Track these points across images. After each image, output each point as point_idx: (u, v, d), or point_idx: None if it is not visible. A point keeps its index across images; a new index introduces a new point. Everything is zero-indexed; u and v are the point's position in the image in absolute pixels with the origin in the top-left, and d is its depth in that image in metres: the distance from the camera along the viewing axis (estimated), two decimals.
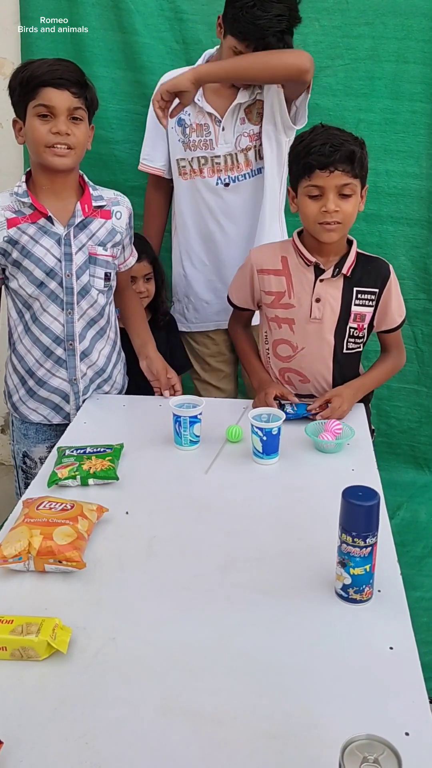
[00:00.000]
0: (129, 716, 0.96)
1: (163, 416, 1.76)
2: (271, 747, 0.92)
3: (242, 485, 1.54)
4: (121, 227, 1.89)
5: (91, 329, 1.89)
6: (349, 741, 0.75)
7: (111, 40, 2.52)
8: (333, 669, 1.04)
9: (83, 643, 1.08)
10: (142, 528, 1.37)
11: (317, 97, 2.50)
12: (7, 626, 1.05)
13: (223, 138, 2.25)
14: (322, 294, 1.84)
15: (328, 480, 1.55)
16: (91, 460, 1.51)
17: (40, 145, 1.70)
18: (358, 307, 1.85)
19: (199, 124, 2.27)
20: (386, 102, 2.53)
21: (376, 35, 2.44)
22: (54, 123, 1.68)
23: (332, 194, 1.71)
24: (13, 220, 1.76)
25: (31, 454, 1.97)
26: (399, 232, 2.69)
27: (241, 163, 2.28)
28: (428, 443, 2.93)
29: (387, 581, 1.21)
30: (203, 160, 2.29)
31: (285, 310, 1.88)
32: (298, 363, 1.90)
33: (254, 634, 1.11)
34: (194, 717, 0.96)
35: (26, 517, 1.28)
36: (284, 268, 1.87)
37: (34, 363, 1.87)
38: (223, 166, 2.28)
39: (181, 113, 2.26)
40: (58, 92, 1.67)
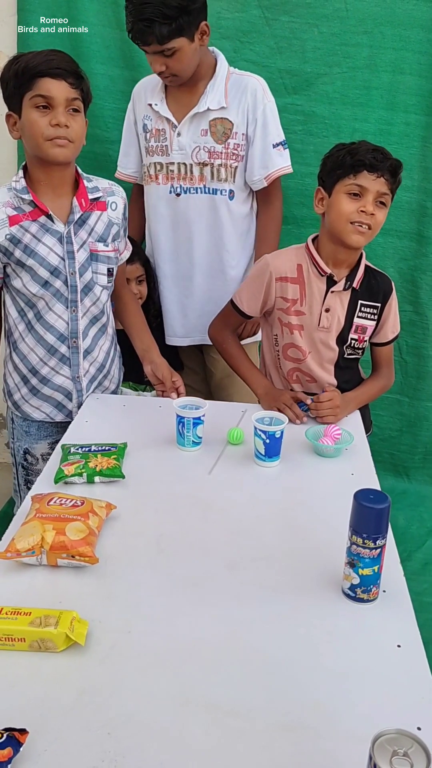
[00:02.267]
0: (148, 707, 1.00)
1: (163, 417, 1.81)
2: (287, 739, 0.96)
3: (245, 486, 1.59)
4: (117, 218, 1.90)
5: (93, 327, 1.92)
6: (379, 734, 0.80)
7: (109, 38, 2.56)
8: (343, 665, 1.09)
9: (99, 636, 1.12)
10: (149, 526, 1.42)
11: (314, 105, 2.58)
12: (26, 618, 1.09)
13: (178, 144, 2.23)
14: (331, 304, 1.91)
15: (328, 483, 1.62)
16: (97, 458, 1.55)
17: (39, 137, 1.68)
18: (360, 319, 1.93)
19: (157, 129, 2.26)
20: (381, 112, 2.60)
21: (374, 44, 2.51)
22: (53, 114, 1.66)
23: (372, 197, 1.78)
24: (15, 218, 1.75)
25: (33, 450, 1.99)
26: (388, 243, 2.76)
27: (195, 176, 2.25)
28: (408, 452, 3.03)
29: (391, 581, 1.26)
30: (159, 166, 2.28)
31: (297, 317, 1.94)
32: (306, 366, 1.99)
33: (265, 630, 1.16)
34: (211, 709, 1.00)
35: (38, 512, 1.31)
36: (299, 276, 1.92)
37: (38, 361, 1.89)
38: (176, 174, 2.26)
39: (145, 119, 2.28)
40: (56, 82, 1.65)
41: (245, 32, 2.46)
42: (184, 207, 2.28)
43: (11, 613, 1.09)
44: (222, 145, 2.21)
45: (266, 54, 2.51)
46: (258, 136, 2.22)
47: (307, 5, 2.46)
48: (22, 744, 0.89)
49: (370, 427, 2.10)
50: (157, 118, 2.24)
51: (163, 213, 2.31)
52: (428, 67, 2.52)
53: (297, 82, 2.53)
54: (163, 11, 1.95)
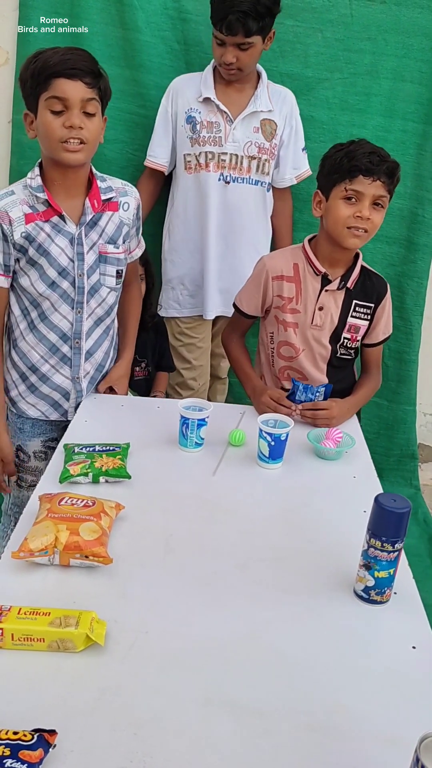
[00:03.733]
0: (172, 707, 1.00)
1: (162, 417, 1.82)
2: (312, 739, 0.98)
3: (249, 488, 1.60)
4: (128, 218, 1.90)
5: (97, 328, 1.92)
6: (426, 735, 0.81)
7: (111, 36, 2.55)
8: (361, 666, 1.11)
9: (117, 636, 1.12)
10: (157, 526, 1.42)
11: (313, 110, 2.61)
12: (45, 618, 1.08)
13: (233, 137, 2.42)
14: (325, 303, 1.94)
15: (331, 486, 1.63)
16: (102, 458, 1.54)
17: (52, 139, 1.68)
18: (354, 319, 1.96)
19: (210, 121, 2.42)
20: (379, 119, 2.64)
21: (376, 51, 2.55)
22: (67, 116, 1.65)
23: (368, 201, 1.80)
24: (30, 216, 1.75)
25: (26, 447, 1.98)
26: (377, 249, 2.80)
27: (244, 167, 2.46)
28: (383, 454, 3.09)
29: (402, 583, 1.28)
30: (210, 155, 2.44)
31: (292, 314, 1.97)
32: (298, 363, 2.01)
33: (282, 630, 1.17)
34: (235, 708, 1.01)
35: (49, 512, 1.30)
36: (295, 275, 1.96)
37: (39, 359, 1.88)
38: (228, 164, 2.44)
39: (191, 111, 2.43)
40: (71, 83, 1.64)
41: None
42: (233, 194, 2.49)
43: (30, 614, 1.09)
44: (269, 142, 2.47)
45: (269, 57, 2.51)
46: (292, 140, 2.52)
47: (313, 10, 2.49)
48: (51, 745, 0.89)
49: None
50: (210, 111, 2.42)
51: (213, 198, 2.49)
52: (429, 75, 2.57)
53: (298, 87, 2.54)
54: (258, 8, 2.18)
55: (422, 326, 2.94)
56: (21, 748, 0.85)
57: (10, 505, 2.07)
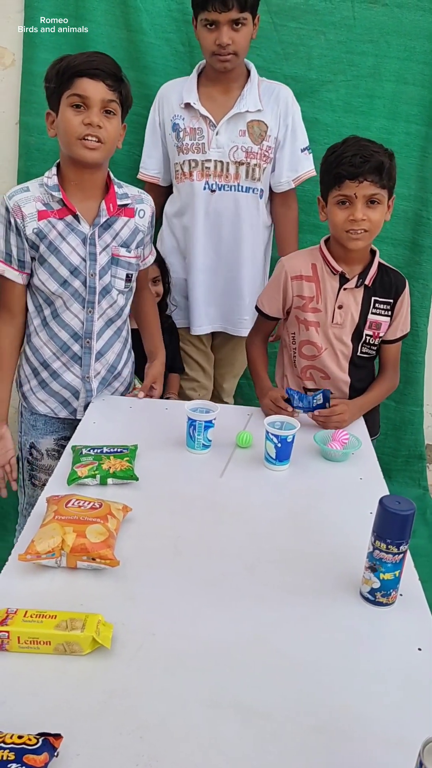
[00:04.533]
0: (179, 710, 0.99)
1: (170, 419, 1.81)
2: (319, 741, 0.97)
3: (256, 489, 1.59)
4: (143, 226, 1.91)
5: (108, 329, 1.92)
6: (429, 739, 0.80)
7: (115, 38, 2.54)
8: (368, 668, 1.10)
9: (123, 639, 1.11)
10: (165, 528, 1.41)
11: (317, 112, 2.59)
12: (51, 621, 1.08)
13: (216, 143, 2.32)
14: (344, 301, 1.94)
15: (337, 487, 1.62)
16: (110, 460, 1.54)
17: (71, 136, 1.69)
18: (375, 315, 1.96)
19: (192, 128, 2.33)
20: (383, 121, 2.62)
21: (379, 54, 2.53)
22: (87, 114, 1.67)
23: (360, 203, 1.79)
24: (43, 213, 1.76)
25: (38, 445, 1.99)
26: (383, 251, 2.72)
27: (231, 174, 2.34)
28: (390, 454, 3.09)
29: (407, 585, 1.27)
30: (194, 163, 2.35)
31: (313, 313, 1.98)
32: (321, 362, 2.01)
33: (288, 632, 1.16)
34: (242, 710, 1.00)
35: (56, 514, 1.30)
36: (314, 275, 1.96)
37: (50, 356, 1.89)
38: (213, 171, 2.34)
39: (175, 118, 2.35)
40: (93, 83, 1.66)
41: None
42: (219, 203, 2.37)
43: (36, 617, 1.08)
44: (258, 146, 2.32)
45: (272, 59, 2.52)
46: (288, 140, 2.37)
47: (315, 12, 2.47)
48: (56, 749, 0.88)
49: (378, 430, 2.12)
50: (192, 117, 2.32)
51: (198, 208, 2.38)
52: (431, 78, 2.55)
53: (302, 89, 2.53)
54: None
55: (428, 327, 2.92)
56: (26, 753, 0.85)
57: (25, 504, 2.07)
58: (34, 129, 2.64)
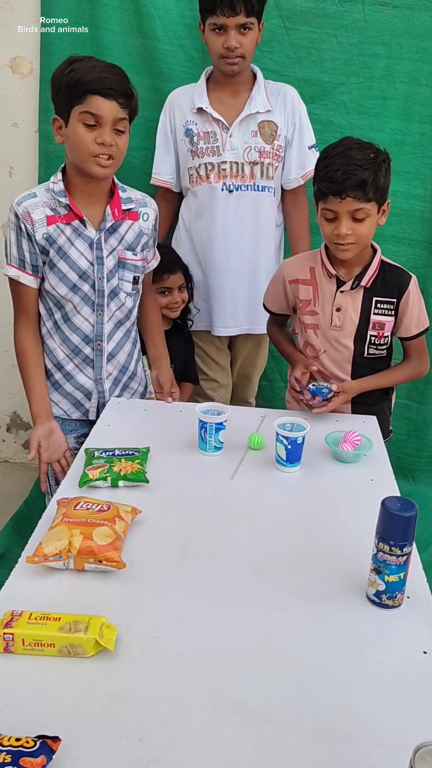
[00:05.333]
0: (180, 713, 0.98)
1: (184, 421, 1.79)
2: (320, 745, 0.94)
3: (267, 491, 1.56)
4: (147, 229, 1.91)
5: (118, 331, 1.93)
6: (420, 745, 0.78)
7: (130, 45, 2.54)
8: (371, 671, 1.07)
9: (128, 641, 1.10)
10: (174, 530, 1.39)
11: (331, 114, 2.56)
12: (55, 623, 1.07)
13: (230, 145, 2.33)
14: (342, 304, 1.91)
15: (349, 489, 1.59)
16: (121, 462, 1.53)
17: (83, 151, 1.69)
18: (377, 316, 1.92)
19: (206, 132, 2.35)
20: (397, 123, 2.58)
21: (391, 55, 2.49)
22: (99, 133, 1.66)
23: (345, 218, 1.74)
24: (52, 218, 1.76)
25: None
26: (401, 252, 2.74)
27: (246, 174, 2.36)
28: (414, 455, 3.03)
29: (415, 588, 1.24)
30: (210, 166, 2.36)
31: (311, 316, 1.96)
32: (321, 363, 2.00)
33: (293, 634, 1.14)
34: (244, 714, 0.98)
35: (65, 517, 1.29)
36: (312, 278, 1.94)
37: (64, 357, 1.90)
38: (229, 172, 2.35)
39: (188, 124, 2.36)
40: (107, 102, 1.65)
41: (265, 41, 2.43)
42: (237, 203, 2.39)
43: (40, 619, 1.07)
44: (270, 145, 2.35)
45: (285, 63, 2.50)
46: (296, 139, 2.41)
47: (327, 15, 2.44)
48: (54, 752, 0.87)
49: (389, 434, 2.08)
50: (205, 121, 2.34)
51: (217, 209, 2.40)
52: None
53: (315, 92, 2.51)
54: None
55: None
56: (23, 755, 0.84)
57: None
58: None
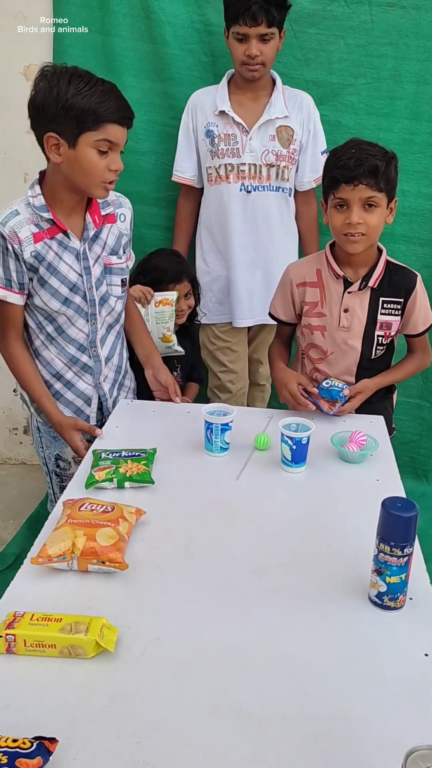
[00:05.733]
0: (178, 715, 0.97)
1: (192, 422, 1.78)
2: (317, 748, 0.93)
3: (272, 492, 1.55)
4: (126, 229, 1.88)
5: (110, 335, 1.92)
6: (412, 750, 0.76)
7: (141, 51, 2.54)
8: (372, 674, 1.06)
9: (129, 642, 1.09)
10: (178, 531, 1.39)
11: (339, 115, 2.55)
12: (56, 624, 1.06)
13: (249, 147, 2.39)
14: (349, 305, 1.89)
15: (354, 489, 1.58)
16: (127, 464, 1.52)
17: (95, 177, 1.65)
18: (384, 316, 1.91)
19: (227, 134, 2.40)
20: (405, 122, 2.56)
21: (398, 56, 2.47)
22: (113, 159, 1.64)
23: (356, 207, 1.74)
24: (38, 235, 1.72)
25: (64, 455, 1.97)
26: (411, 251, 2.72)
27: (263, 176, 2.42)
28: (427, 455, 3.00)
29: (418, 589, 1.22)
30: (230, 167, 2.42)
31: (318, 318, 1.94)
32: (326, 365, 1.98)
33: (293, 636, 1.13)
34: (242, 716, 0.97)
35: (69, 518, 1.29)
36: (319, 280, 1.93)
37: (62, 367, 1.88)
38: (247, 173, 2.42)
39: (209, 125, 2.41)
40: (122, 129, 1.64)
41: None
42: (254, 202, 2.46)
43: (42, 620, 1.07)
44: (286, 149, 2.42)
45: (293, 66, 2.49)
46: (310, 144, 2.47)
47: (334, 18, 2.42)
48: (51, 753, 0.87)
49: (393, 431, 2.06)
50: (226, 124, 2.40)
51: (236, 208, 2.47)
52: None
53: (323, 93, 2.49)
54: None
55: None
56: (19, 757, 0.83)
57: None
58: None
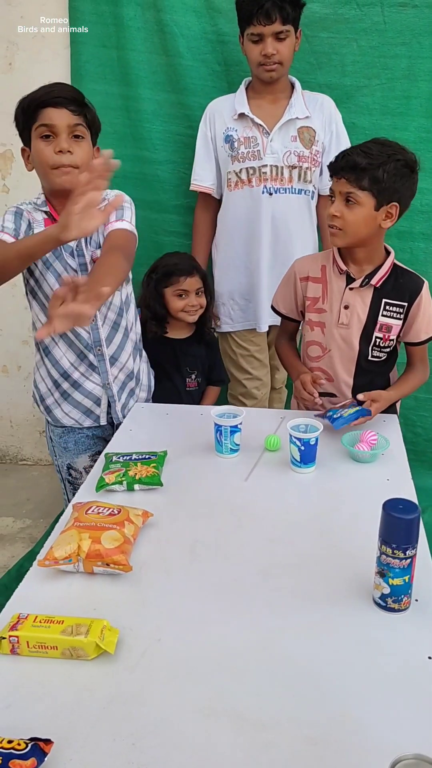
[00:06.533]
0: (174, 717, 0.96)
1: (205, 425, 1.77)
2: (312, 752, 0.91)
3: (281, 493, 1.53)
4: None
5: (117, 333, 1.89)
6: (398, 759, 0.74)
7: (155, 63, 2.54)
8: (372, 676, 1.03)
9: (130, 644, 1.08)
10: (185, 532, 1.37)
11: (354, 117, 2.51)
12: (58, 626, 1.06)
13: (271, 149, 2.33)
14: (350, 301, 1.86)
15: (364, 489, 1.54)
16: (137, 467, 1.52)
17: (46, 166, 1.67)
18: (386, 318, 1.86)
19: (246, 137, 2.34)
20: (421, 121, 2.51)
21: (412, 55, 2.43)
22: (56, 142, 1.65)
23: (338, 198, 1.74)
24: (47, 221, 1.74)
25: (75, 465, 1.97)
26: (431, 249, 2.67)
27: (285, 177, 2.35)
28: None
29: (424, 590, 1.19)
30: (251, 170, 2.36)
31: (318, 314, 1.91)
32: (325, 363, 1.94)
33: (294, 639, 1.10)
34: (237, 720, 0.95)
35: (76, 521, 1.29)
36: (323, 276, 1.90)
37: (69, 366, 1.87)
38: (269, 176, 2.35)
39: (228, 131, 2.36)
40: (57, 111, 1.64)
41: None
42: (276, 205, 2.39)
43: (44, 622, 1.07)
44: (309, 150, 2.35)
45: (307, 70, 2.46)
46: (333, 145, 2.38)
47: (346, 21, 2.40)
48: (46, 754, 0.86)
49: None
50: (246, 127, 2.35)
51: (258, 212, 2.40)
52: None
53: (337, 96, 2.45)
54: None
55: None
56: (12, 758, 0.83)
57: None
58: None
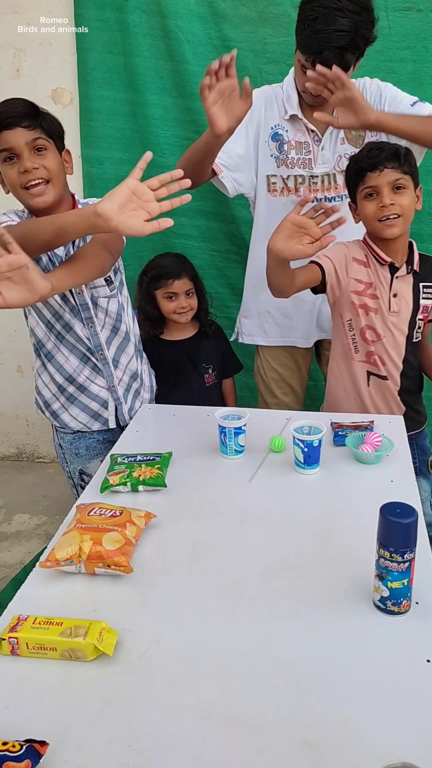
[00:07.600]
0: (170, 720, 0.94)
1: (211, 426, 1.74)
2: (307, 756, 0.88)
3: (284, 494, 1.51)
4: None
5: (116, 337, 1.88)
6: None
7: (162, 69, 2.53)
8: (370, 680, 1.00)
9: (129, 645, 1.07)
10: (187, 534, 1.36)
11: None
12: (57, 628, 1.05)
13: (322, 158, 2.11)
14: (398, 290, 1.87)
15: (367, 491, 1.51)
16: (141, 468, 1.50)
17: (17, 189, 1.65)
18: (426, 300, 1.91)
19: (298, 141, 2.11)
20: None
21: (417, 59, 2.40)
22: (20, 162, 1.62)
23: (386, 190, 1.74)
24: None
25: (88, 470, 1.96)
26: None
27: (339, 184, 2.13)
28: None
29: (425, 593, 1.16)
30: (300, 178, 2.14)
31: (372, 300, 1.89)
32: (378, 349, 1.93)
33: (293, 641, 1.08)
34: (233, 723, 0.93)
35: (78, 523, 1.27)
36: (368, 262, 1.89)
37: (74, 370, 1.85)
38: (320, 186, 2.14)
39: (277, 128, 2.12)
40: (12, 132, 1.60)
41: (291, 55, 2.36)
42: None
43: (43, 623, 1.05)
44: (359, 148, 2.06)
45: None
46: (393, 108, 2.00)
47: None
48: (41, 756, 0.85)
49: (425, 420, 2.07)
50: (298, 131, 2.09)
51: None
52: None
53: None
54: (356, 41, 1.82)
55: None
56: (6, 760, 0.81)
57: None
58: (95, 161, 2.67)
